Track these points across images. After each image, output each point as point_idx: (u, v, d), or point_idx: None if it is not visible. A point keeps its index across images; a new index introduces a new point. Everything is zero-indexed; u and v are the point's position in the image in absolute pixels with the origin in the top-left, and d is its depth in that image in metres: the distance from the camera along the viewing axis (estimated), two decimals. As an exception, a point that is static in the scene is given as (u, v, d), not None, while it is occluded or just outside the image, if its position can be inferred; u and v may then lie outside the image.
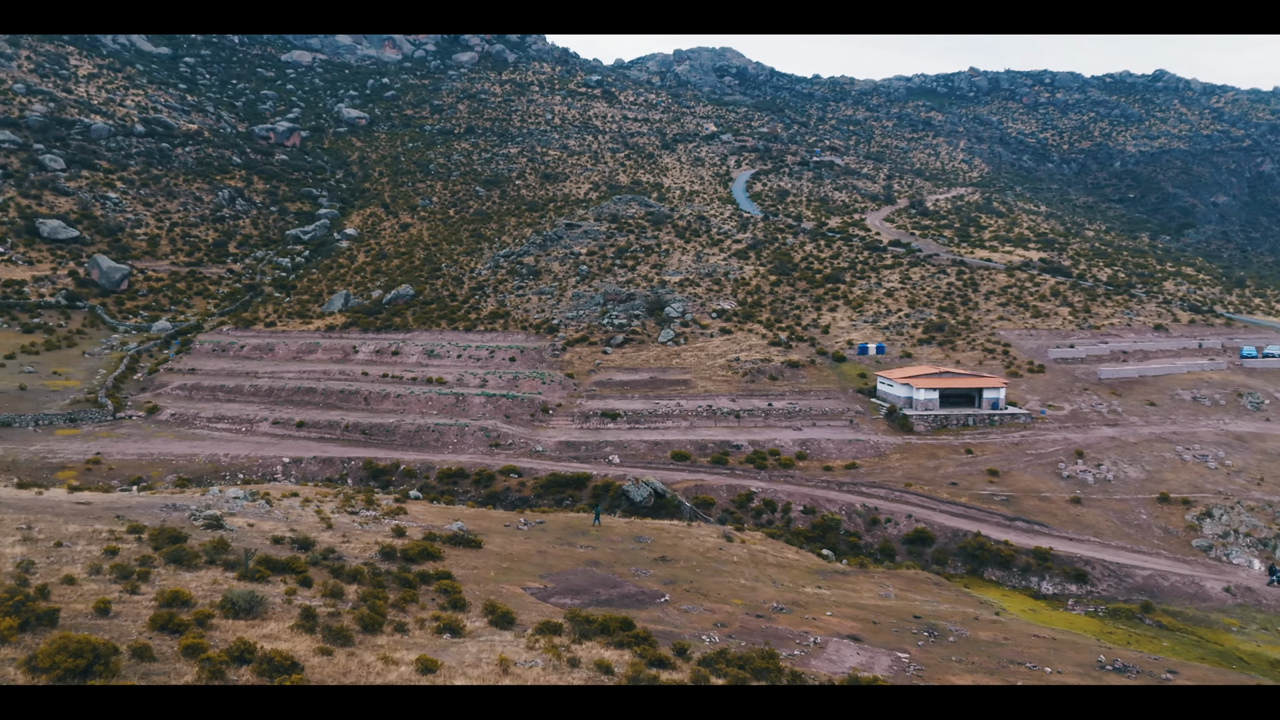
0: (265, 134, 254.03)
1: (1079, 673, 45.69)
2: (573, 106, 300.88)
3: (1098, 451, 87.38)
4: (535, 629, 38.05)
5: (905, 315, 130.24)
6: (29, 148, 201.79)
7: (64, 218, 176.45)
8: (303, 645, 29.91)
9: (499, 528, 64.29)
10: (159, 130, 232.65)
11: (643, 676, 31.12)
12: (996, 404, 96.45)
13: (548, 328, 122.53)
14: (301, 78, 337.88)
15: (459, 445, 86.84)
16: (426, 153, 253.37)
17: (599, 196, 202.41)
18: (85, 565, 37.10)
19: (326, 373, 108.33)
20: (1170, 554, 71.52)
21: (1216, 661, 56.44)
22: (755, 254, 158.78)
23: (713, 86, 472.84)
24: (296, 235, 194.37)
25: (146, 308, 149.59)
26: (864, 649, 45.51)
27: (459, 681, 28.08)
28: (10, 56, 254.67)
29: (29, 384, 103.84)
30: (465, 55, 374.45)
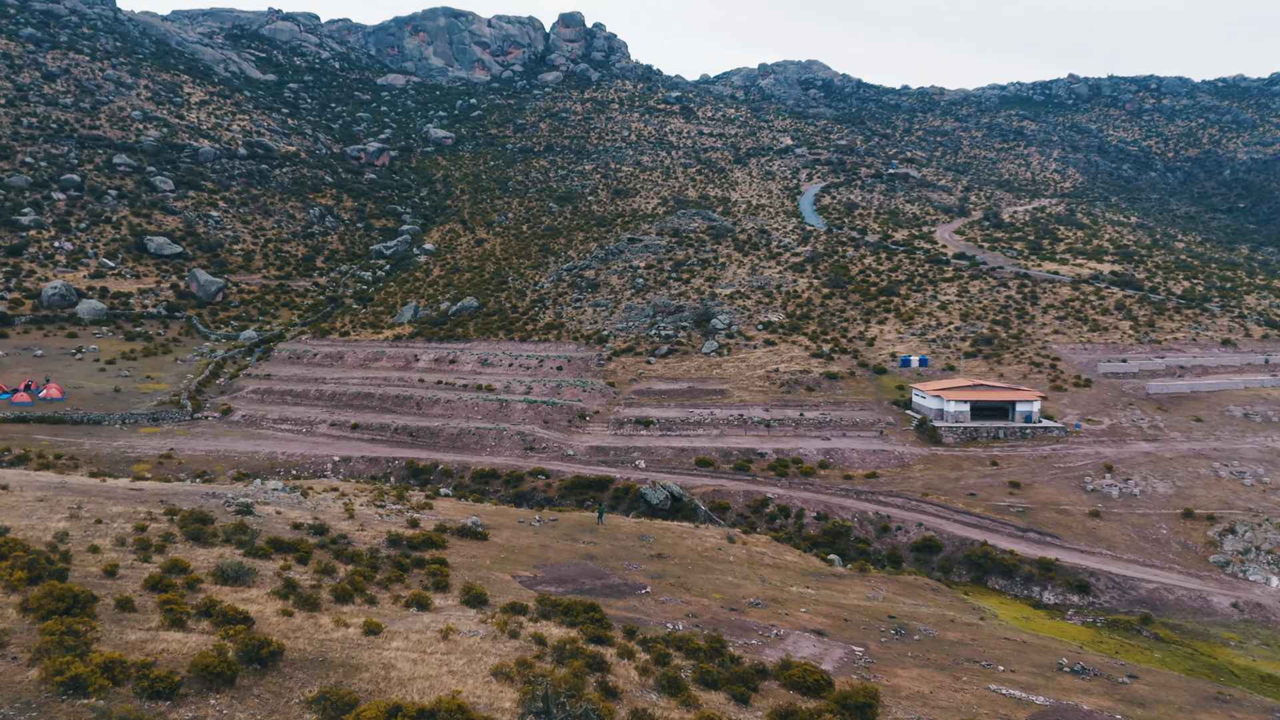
0: (356, 154, 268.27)
1: (1033, 672, 47.31)
2: (650, 123, 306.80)
3: (1129, 466, 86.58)
4: (502, 608, 42.09)
5: (955, 328, 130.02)
6: (142, 170, 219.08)
7: (170, 235, 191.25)
8: (270, 607, 34.59)
9: (513, 523, 68.90)
10: (260, 152, 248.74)
11: (569, 648, 34.83)
12: (1030, 417, 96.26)
13: (598, 338, 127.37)
14: (395, 100, 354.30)
15: (496, 448, 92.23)
16: (506, 170, 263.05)
17: (665, 211, 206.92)
18: (113, 539, 43.15)
19: (386, 379, 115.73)
20: (1184, 569, 70.95)
21: (1204, 673, 56.67)
22: (812, 267, 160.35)
23: (797, 100, 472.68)
24: (379, 250, 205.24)
25: (237, 318, 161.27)
26: (823, 642, 48.02)
27: (396, 644, 32.36)
28: (130, 85, 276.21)
29: (123, 387, 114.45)
30: (550, 75, 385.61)
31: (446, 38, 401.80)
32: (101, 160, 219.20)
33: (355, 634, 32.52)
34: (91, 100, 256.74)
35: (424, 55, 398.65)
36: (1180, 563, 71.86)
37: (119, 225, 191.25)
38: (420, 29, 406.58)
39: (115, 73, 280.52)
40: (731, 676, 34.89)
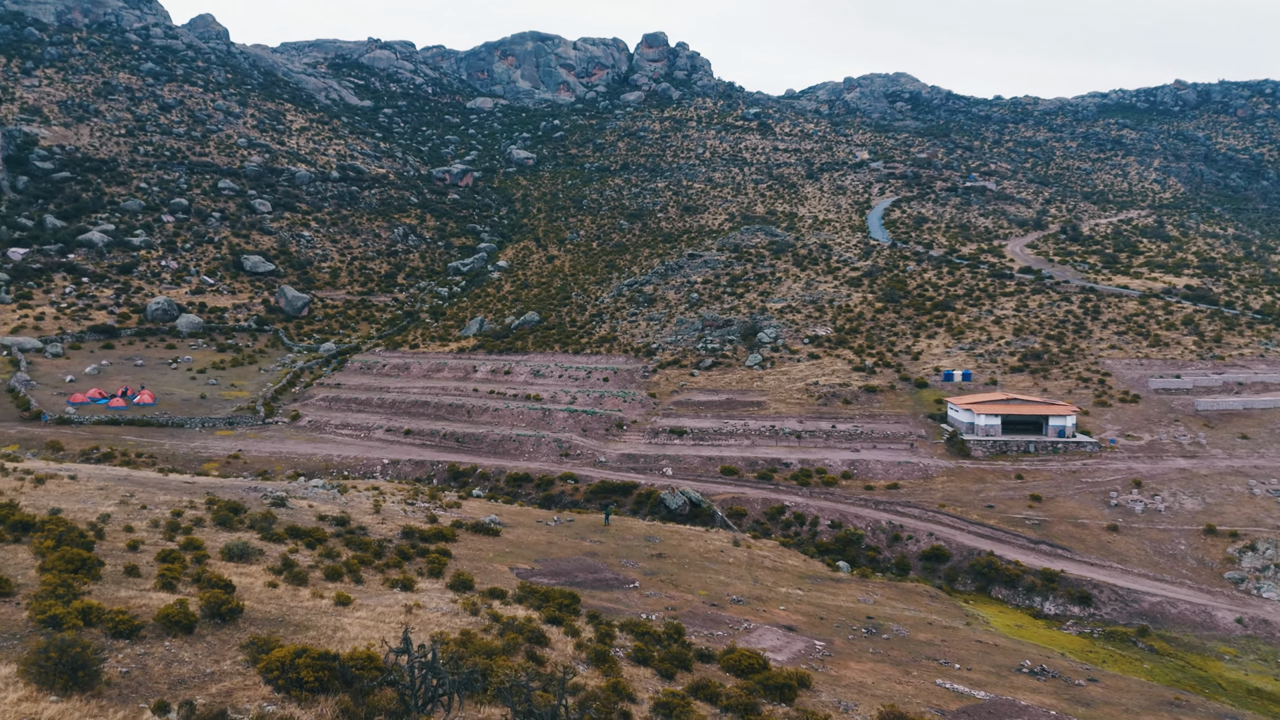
0: (441, 175, 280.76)
1: (990, 672, 49.53)
2: (725, 140, 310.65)
3: (1159, 482, 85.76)
4: (481, 592, 46.80)
5: (1006, 343, 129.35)
6: (244, 193, 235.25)
7: (265, 254, 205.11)
8: (261, 580, 40.01)
9: (530, 522, 73.80)
10: (351, 175, 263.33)
11: (517, 624, 39.17)
12: (1063, 432, 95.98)
13: (647, 351, 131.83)
14: (483, 122, 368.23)
15: (534, 454, 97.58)
16: (582, 189, 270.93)
17: (731, 227, 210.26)
18: (148, 521, 49.74)
19: (444, 389, 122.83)
20: (1195, 584, 70.52)
21: (1188, 684, 57.14)
22: (870, 281, 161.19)
23: (882, 113, 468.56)
24: (456, 267, 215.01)
25: (319, 331, 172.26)
26: (789, 636, 51.28)
27: (359, 614, 37.25)
28: (238, 115, 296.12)
29: (209, 394, 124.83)
30: (632, 95, 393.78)
31: (534, 61, 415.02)
32: (208, 185, 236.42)
33: (326, 604, 37.50)
34: (202, 129, 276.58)
35: (512, 78, 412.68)
36: (1193, 578, 71.40)
37: (220, 245, 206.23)
38: (509, 53, 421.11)
39: (225, 103, 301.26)
40: (666, 656, 38.50)
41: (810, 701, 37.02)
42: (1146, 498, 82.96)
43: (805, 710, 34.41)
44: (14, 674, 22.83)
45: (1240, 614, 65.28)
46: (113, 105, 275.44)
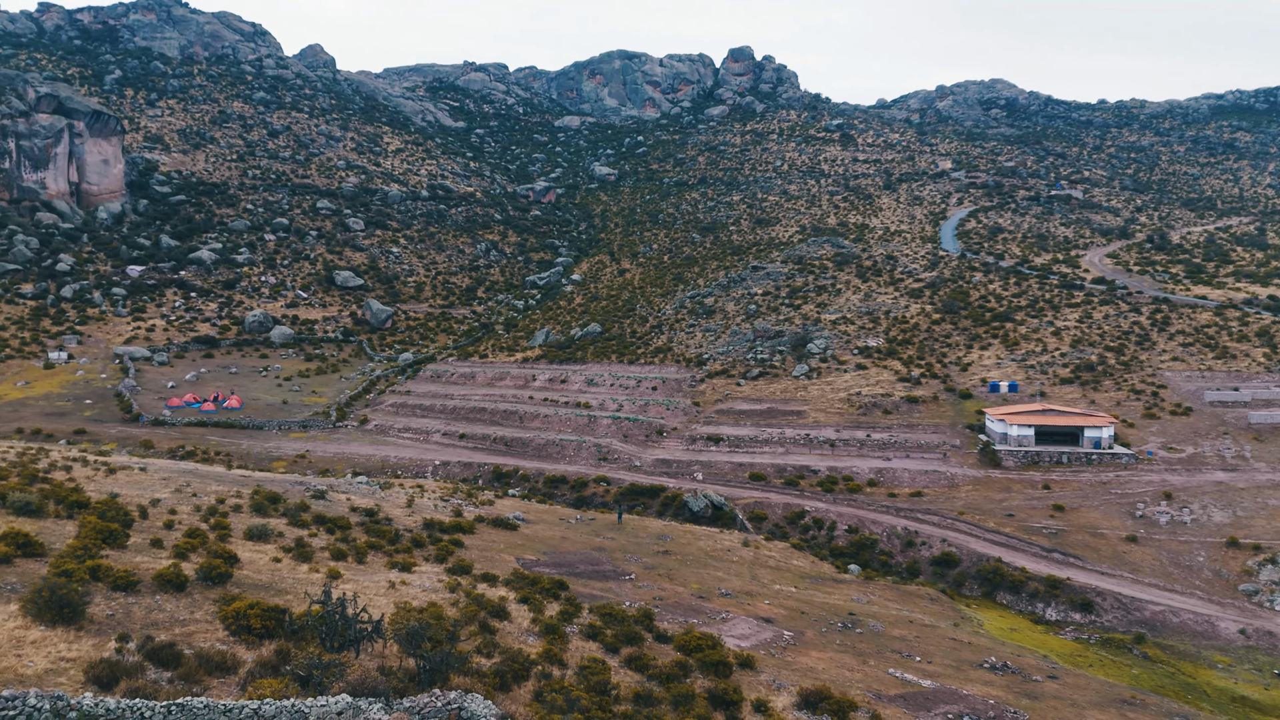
0: (525, 193, 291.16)
1: (950, 665, 52.13)
2: (804, 152, 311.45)
3: (1191, 495, 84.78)
4: (476, 576, 52.10)
5: (1061, 354, 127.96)
6: (340, 213, 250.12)
7: (355, 269, 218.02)
8: (268, 556, 46.10)
9: (554, 520, 78.92)
10: (440, 193, 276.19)
11: (484, 600, 44.19)
12: (1098, 443, 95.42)
13: (698, 361, 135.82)
14: (569, 140, 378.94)
15: (574, 458, 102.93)
16: (660, 203, 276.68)
17: (801, 239, 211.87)
18: (192, 506, 56.93)
19: (502, 396, 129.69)
20: (1206, 595, 70.13)
21: (1172, 690, 57.86)
22: (931, 292, 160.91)
23: (975, 120, 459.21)
24: (533, 281, 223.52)
25: (401, 342, 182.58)
26: (762, 625, 54.94)
27: (345, 586, 42.84)
28: (339, 138, 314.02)
29: (291, 399, 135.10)
30: (716, 109, 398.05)
31: (621, 79, 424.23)
32: (308, 205, 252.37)
33: (317, 577, 43.25)
34: (306, 153, 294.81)
35: (599, 96, 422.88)
36: (1205, 589, 70.98)
37: (315, 261, 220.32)
38: (597, 72, 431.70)
39: (327, 128, 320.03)
40: (618, 634, 43.00)
41: (745, 679, 40.84)
42: (1174, 510, 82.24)
43: (728, 683, 38.30)
44: (16, 610, 29.13)
45: (1245, 625, 64.90)
46: (226, 132, 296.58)
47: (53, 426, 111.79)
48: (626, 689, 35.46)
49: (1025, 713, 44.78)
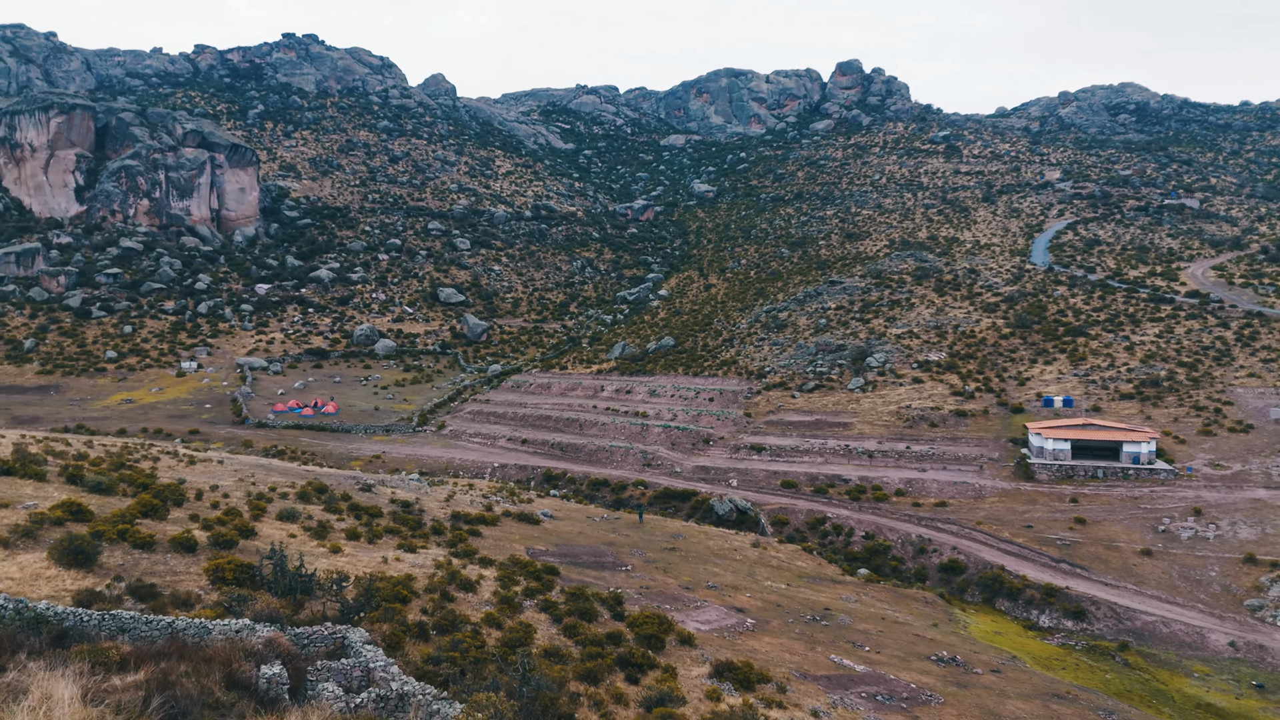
0: (624, 211, 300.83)
1: (898, 655, 56.27)
2: (904, 165, 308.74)
3: (1222, 511, 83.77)
4: (477, 560, 59.45)
5: (1128, 369, 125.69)
6: (449, 233, 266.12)
7: (458, 286, 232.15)
8: (288, 532, 54.52)
9: (581, 518, 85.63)
10: (543, 213, 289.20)
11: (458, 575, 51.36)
12: (1137, 458, 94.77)
13: (759, 374, 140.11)
14: (673, 159, 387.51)
15: (620, 463, 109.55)
16: (755, 219, 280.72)
17: (888, 253, 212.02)
18: (244, 493, 66.46)
19: (570, 405, 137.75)
20: (1208, 608, 70.15)
21: (1137, 695, 59.56)
22: (1007, 306, 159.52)
23: (1100, 127, 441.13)
24: (624, 296, 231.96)
25: (493, 354, 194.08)
26: (731, 614, 60.23)
27: (340, 560, 50.74)
28: (453, 163, 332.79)
29: (382, 406, 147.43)
30: (821, 124, 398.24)
31: (727, 96, 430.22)
32: (420, 226, 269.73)
33: (321, 550, 51.28)
34: (422, 177, 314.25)
35: (706, 115, 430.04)
36: (1209, 602, 70.94)
37: (423, 279, 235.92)
38: (704, 90, 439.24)
39: (443, 152, 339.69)
40: (572, 610, 49.44)
41: (680, 652, 46.34)
42: (1199, 525, 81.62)
43: (641, 650, 44.00)
44: (44, 555, 37.91)
45: (1236, 638, 65.01)
46: (351, 160, 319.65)
47: (173, 427, 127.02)
48: (539, 647, 41.55)
49: (943, 696, 48.48)
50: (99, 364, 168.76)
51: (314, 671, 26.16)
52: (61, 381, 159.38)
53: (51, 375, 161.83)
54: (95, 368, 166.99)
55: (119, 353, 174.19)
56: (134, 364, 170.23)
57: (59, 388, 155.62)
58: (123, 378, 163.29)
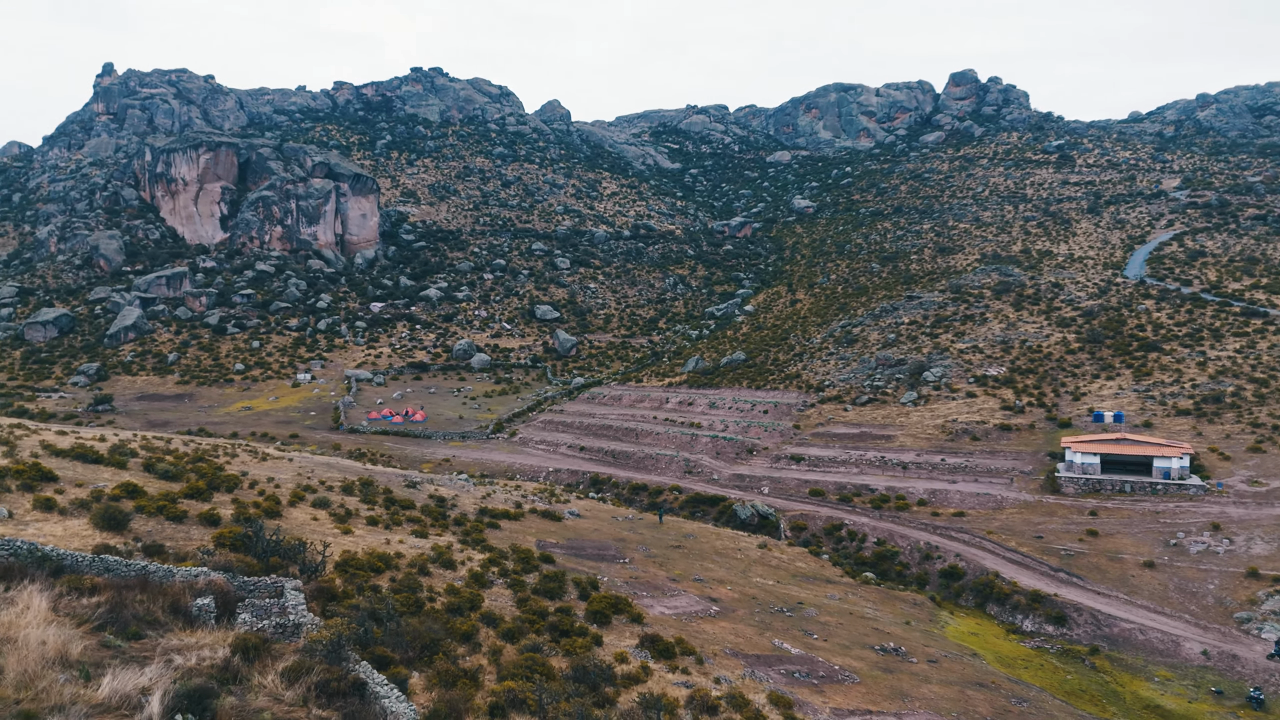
0: (721, 228, 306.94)
1: (843, 644, 61.44)
2: (1010, 177, 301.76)
3: (1242, 527, 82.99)
4: (481, 547, 67.96)
5: (1193, 385, 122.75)
6: (551, 254, 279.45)
7: (554, 304, 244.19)
8: (312, 515, 64.36)
9: (606, 518, 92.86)
10: (641, 233, 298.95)
11: (444, 555, 59.86)
12: (1168, 473, 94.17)
13: (817, 387, 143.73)
14: (778, 175, 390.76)
15: (664, 470, 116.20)
16: (851, 234, 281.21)
17: (976, 266, 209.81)
18: (295, 483, 77.17)
19: (632, 415, 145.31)
20: (1194, 619, 70.70)
21: (1089, 693, 62.00)
22: (1084, 320, 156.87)
23: (1242, 130, 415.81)
24: (712, 312, 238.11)
25: (580, 368, 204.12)
26: (701, 602, 66.63)
27: (346, 540, 60.07)
28: (561, 185, 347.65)
29: (466, 415, 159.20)
30: (932, 135, 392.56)
31: (835, 111, 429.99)
32: (524, 247, 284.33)
33: (336, 532, 60.70)
34: (531, 200, 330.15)
35: (814, 130, 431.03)
36: (1199, 613, 71.42)
37: (523, 297, 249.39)
38: (812, 106, 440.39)
39: (553, 176, 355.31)
40: (537, 589, 57.17)
41: (620, 626, 53.07)
42: (1213, 540, 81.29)
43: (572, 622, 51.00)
44: (87, 521, 48.25)
45: (1211, 647, 65.76)
46: (467, 185, 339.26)
47: (277, 431, 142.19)
48: (481, 611, 49.03)
49: (860, 678, 53.55)
50: (228, 375, 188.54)
51: (241, 606, 34.69)
52: (195, 390, 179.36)
53: (187, 385, 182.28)
54: (225, 379, 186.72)
55: (246, 365, 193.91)
56: (257, 375, 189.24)
57: (192, 396, 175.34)
58: (246, 388, 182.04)
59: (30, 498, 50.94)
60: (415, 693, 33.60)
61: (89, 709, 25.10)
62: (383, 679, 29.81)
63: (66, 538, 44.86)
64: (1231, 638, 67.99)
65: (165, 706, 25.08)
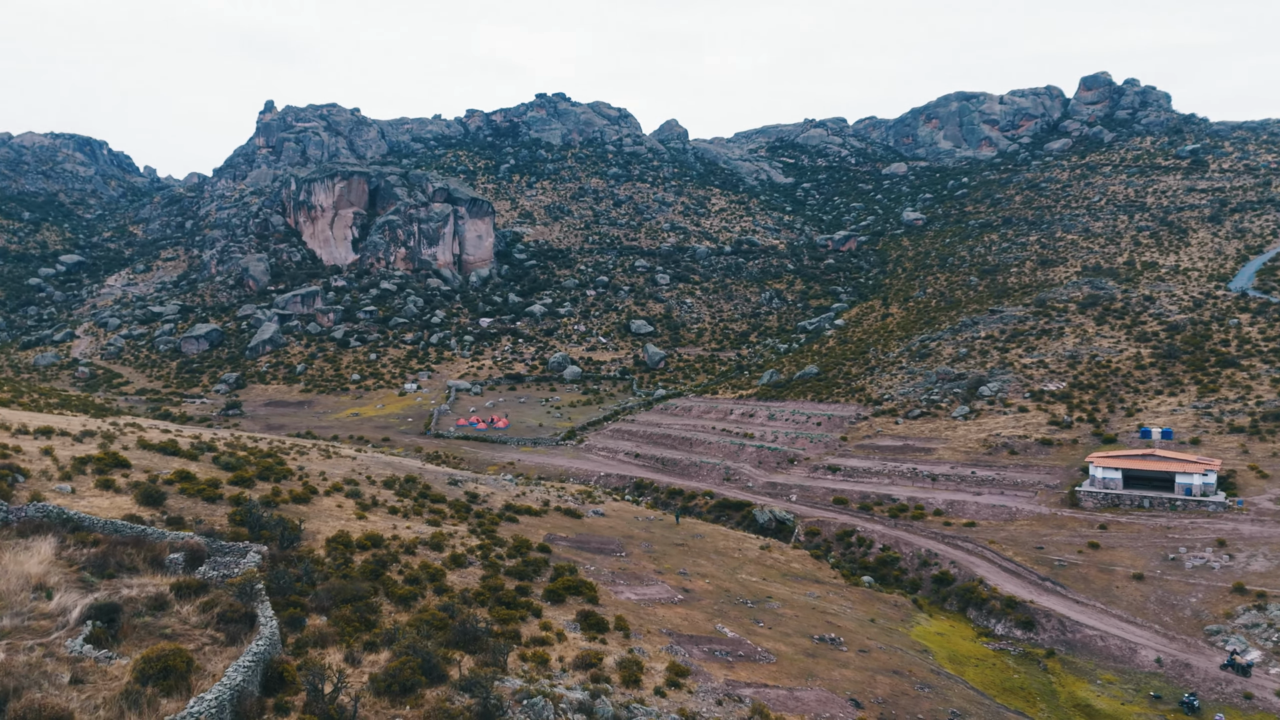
0: (824, 242, 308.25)
1: (788, 632, 67.55)
2: (1132, 185, 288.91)
3: (1248, 544, 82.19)
4: (486, 536, 77.56)
5: (1258, 402, 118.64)
6: (652, 270, 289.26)
7: (650, 318, 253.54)
8: (337, 502, 75.61)
9: (628, 517, 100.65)
10: (743, 248, 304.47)
11: (439, 541, 69.54)
12: (1189, 489, 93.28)
13: (875, 401, 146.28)
14: (892, 187, 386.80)
15: (704, 476, 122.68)
16: (956, 247, 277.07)
17: (1074, 279, 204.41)
18: (343, 476, 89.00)
19: (695, 426, 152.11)
20: (1163, 629, 71.65)
21: (1030, 690, 65.35)
22: (1167, 334, 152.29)
23: None
24: (804, 326, 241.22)
25: (665, 380, 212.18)
26: (670, 591, 74.01)
27: (357, 523, 70.91)
28: (670, 203, 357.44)
29: (545, 423, 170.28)
30: (1057, 143, 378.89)
31: (956, 121, 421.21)
32: (628, 264, 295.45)
33: (353, 516, 71.64)
34: (640, 218, 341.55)
35: (934, 140, 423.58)
36: (1169, 624, 72.27)
37: (622, 312, 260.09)
38: (933, 116, 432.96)
39: (662, 194, 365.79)
40: (511, 570, 66.22)
41: (573, 603, 61.12)
42: (1214, 555, 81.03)
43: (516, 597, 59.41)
44: (131, 499, 60.25)
45: (1167, 655, 67.03)
46: (580, 205, 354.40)
47: (372, 434, 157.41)
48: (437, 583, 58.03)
49: (776, 657, 59.76)
50: (345, 384, 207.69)
51: (208, 563, 44.95)
52: (315, 398, 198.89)
53: (309, 393, 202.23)
54: (341, 387, 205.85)
55: (361, 375, 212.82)
56: (370, 385, 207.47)
57: (311, 403, 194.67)
58: (359, 396, 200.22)
59: (96, 479, 63.50)
60: (307, 625, 42.62)
61: (35, 613, 35.77)
62: (271, 613, 39.09)
63: (108, 509, 56.40)
64: (1194, 648, 68.80)
65: (81, 615, 35.41)
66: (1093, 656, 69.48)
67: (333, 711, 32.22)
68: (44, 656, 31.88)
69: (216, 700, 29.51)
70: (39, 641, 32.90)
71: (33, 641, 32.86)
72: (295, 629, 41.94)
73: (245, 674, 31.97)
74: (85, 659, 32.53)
